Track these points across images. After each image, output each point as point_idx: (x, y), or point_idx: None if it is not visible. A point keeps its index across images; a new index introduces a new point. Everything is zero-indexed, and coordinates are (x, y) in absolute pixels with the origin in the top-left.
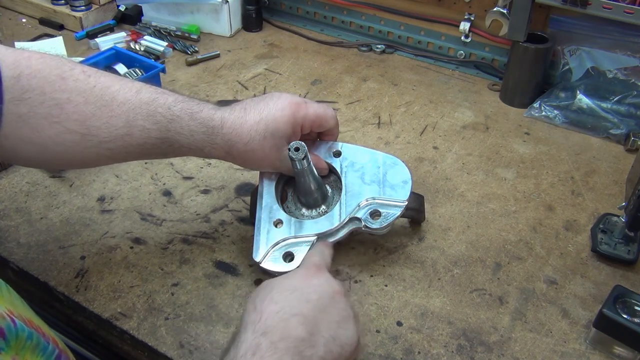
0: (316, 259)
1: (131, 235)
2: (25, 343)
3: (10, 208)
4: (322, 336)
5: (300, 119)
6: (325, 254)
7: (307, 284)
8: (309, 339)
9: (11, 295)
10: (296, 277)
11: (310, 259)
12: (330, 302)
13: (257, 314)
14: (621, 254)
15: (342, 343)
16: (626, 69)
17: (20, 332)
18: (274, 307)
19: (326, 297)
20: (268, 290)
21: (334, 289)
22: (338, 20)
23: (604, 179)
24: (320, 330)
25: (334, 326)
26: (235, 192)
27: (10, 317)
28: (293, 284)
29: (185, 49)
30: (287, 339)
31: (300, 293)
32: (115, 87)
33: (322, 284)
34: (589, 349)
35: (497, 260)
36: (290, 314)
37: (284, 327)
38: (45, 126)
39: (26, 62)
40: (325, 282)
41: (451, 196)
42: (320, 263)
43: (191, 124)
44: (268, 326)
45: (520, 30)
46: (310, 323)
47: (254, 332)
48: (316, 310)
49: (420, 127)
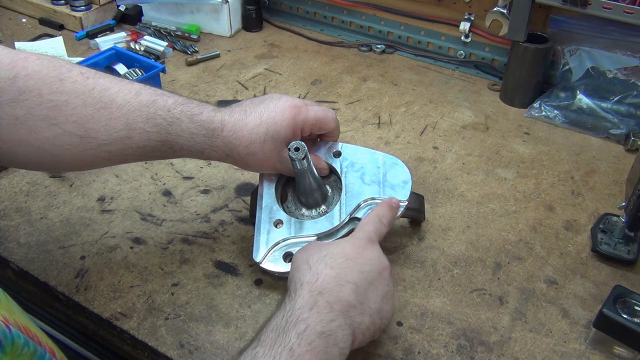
0: (370, 229)
1: (131, 235)
2: (22, 350)
3: (10, 208)
4: (369, 307)
5: (301, 122)
6: (383, 223)
7: (360, 255)
8: (360, 307)
9: (8, 302)
10: (349, 246)
11: (364, 229)
12: (378, 276)
13: (313, 275)
14: (621, 254)
15: (383, 316)
16: (626, 69)
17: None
18: (330, 272)
19: (376, 270)
20: (323, 254)
21: (383, 264)
22: (338, 20)
23: (604, 179)
24: (369, 300)
25: (379, 300)
26: (235, 192)
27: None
28: (346, 252)
29: (185, 49)
30: (341, 302)
31: (355, 263)
32: (115, 89)
33: (373, 257)
34: (589, 349)
35: (497, 260)
36: (345, 280)
37: (339, 291)
38: (43, 128)
39: (23, 63)
40: (377, 257)
41: (451, 196)
42: (373, 236)
43: (191, 126)
44: (324, 287)
45: (520, 30)
46: (361, 293)
47: (310, 291)
48: (367, 282)
49: (420, 127)
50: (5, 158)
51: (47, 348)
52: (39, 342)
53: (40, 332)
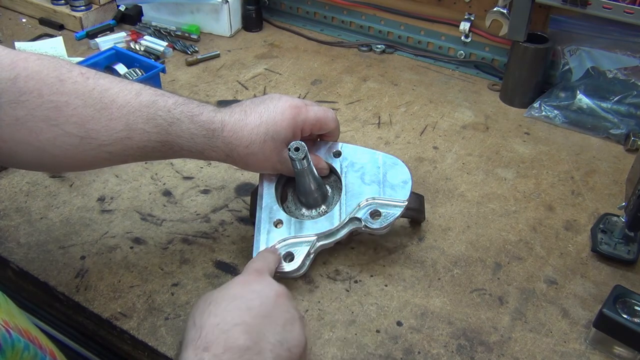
0: (257, 264)
1: (131, 235)
2: (22, 354)
3: (10, 208)
4: (268, 342)
5: (301, 122)
6: (269, 260)
7: (248, 290)
8: (254, 346)
9: (9, 305)
10: (236, 285)
11: (250, 265)
12: (273, 306)
13: (196, 330)
14: (621, 254)
15: (290, 346)
16: (626, 69)
17: (17, 344)
18: (214, 320)
19: (269, 301)
20: (207, 303)
21: (276, 291)
22: (338, 20)
23: (604, 179)
24: (265, 336)
25: (279, 330)
26: (235, 192)
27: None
28: (232, 292)
29: (185, 49)
30: (231, 350)
31: (241, 301)
32: (115, 90)
33: (263, 288)
34: (589, 349)
35: (497, 260)
36: (232, 324)
37: (226, 339)
38: (44, 129)
39: (23, 63)
40: (266, 286)
41: (451, 196)
42: (261, 268)
43: (191, 127)
44: (209, 340)
45: (520, 30)
46: (254, 330)
47: (195, 349)
48: (259, 316)
49: (420, 127)
50: (6, 158)
51: (48, 350)
52: (40, 345)
53: (40, 334)
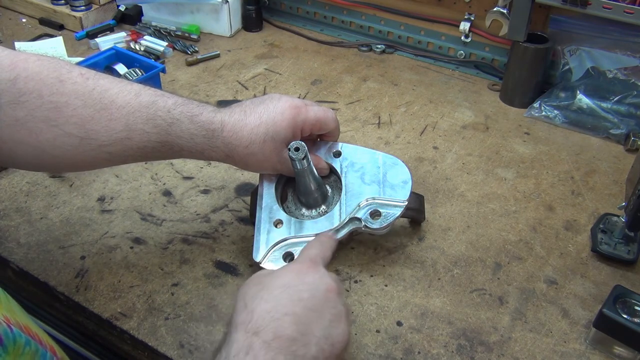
0: (313, 252)
1: (131, 235)
2: (23, 349)
3: (10, 208)
4: (314, 335)
5: (301, 122)
6: (325, 247)
7: (299, 281)
8: (301, 338)
9: (9, 302)
10: (288, 273)
11: (306, 252)
12: (322, 301)
13: (247, 314)
14: (621, 254)
15: (334, 341)
16: (626, 69)
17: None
18: (265, 306)
19: (319, 295)
20: (259, 287)
21: (327, 286)
22: (338, 20)
23: (604, 179)
24: (312, 329)
25: (326, 324)
26: (235, 192)
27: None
28: (285, 280)
29: (185, 49)
30: (279, 339)
31: (293, 291)
32: (115, 90)
33: (314, 281)
34: (589, 349)
35: (497, 260)
36: (282, 313)
37: (276, 327)
38: (43, 129)
39: (23, 64)
40: (318, 279)
41: (451, 196)
42: (316, 257)
43: (191, 127)
44: (260, 326)
45: (520, 30)
46: (302, 322)
47: (245, 332)
48: (308, 309)
49: (420, 127)
50: (6, 159)
51: (48, 347)
52: (40, 341)
53: (40, 331)
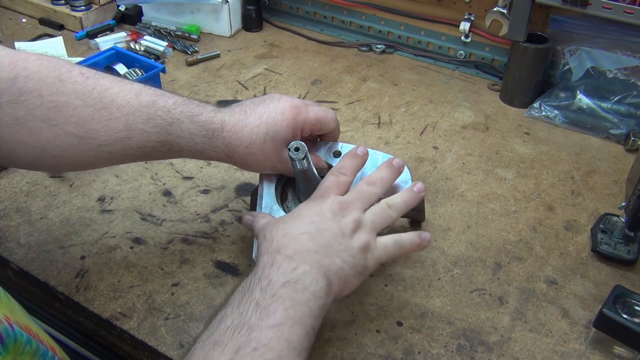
0: (324, 185)
1: (131, 235)
2: (24, 348)
3: (10, 208)
4: (333, 249)
5: (301, 122)
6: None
7: (309, 210)
8: (322, 251)
9: (10, 302)
10: (299, 209)
11: (321, 185)
12: (333, 223)
13: (267, 242)
14: (621, 254)
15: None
16: (626, 69)
17: (19, 337)
18: (282, 232)
19: (328, 218)
20: (275, 222)
21: (333, 210)
22: (338, 20)
23: (604, 179)
24: (330, 243)
25: (341, 240)
26: (235, 192)
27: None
28: (296, 213)
29: (185, 49)
30: (301, 252)
31: (303, 217)
32: (115, 90)
33: (322, 209)
34: (589, 349)
35: (497, 260)
36: (298, 232)
37: (295, 244)
38: (43, 129)
39: (23, 63)
40: (326, 206)
41: (451, 196)
42: (327, 189)
43: (191, 127)
44: (280, 246)
45: (520, 30)
46: (319, 238)
47: (268, 254)
48: (322, 229)
49: (420, 127)
50: (6, 158)
51: (49, 347)
52: (40, 340)
53: (41, 331)
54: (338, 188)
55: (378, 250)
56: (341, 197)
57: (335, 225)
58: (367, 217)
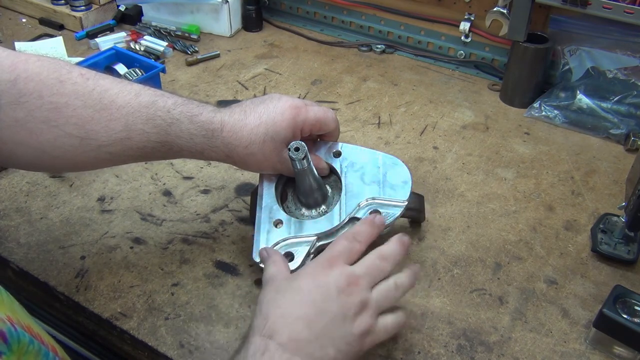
0: (337, 249)
1: (131, 235)
2: (27, 348)
3: (10, 208)
4: (329, 337)
5: (301, 122)
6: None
7: (313, 284)
8: (317, 340)
9: (12, 302)
10: (304, 277)
11: (331, 248)
12: (336, 302)
13: (262, 319)
14: (621, 254)
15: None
16: (626, 69)
17: (22, 338)
18: (278, 311)
19: (331, 297)
20: (274, 292)
21: (339, 287)
22: (338, 20)
23: (604, 179)
24: (327, 331)
25: (340, 324)
26: (235, 192)
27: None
28: (298, 284)
29: (185, 49)
30: (294, 341)
31: (305, 294)
32: (114, 90)
33: (327, 283)
34: (589, 349)
35: (497, 260)
36: (295, 316)
37: (290, 331)
38: (44, 130)
39: (23, 65)
40: (332, 281)
41: (451, 196)
42: (337, 256)
43: (191, 127)
44: (274, 330)
45: (520, 30)
46: (315, 325)
47: (261, 336)
48: (321, 311)
49: (420, 127)
50: (6, 159)
51: (50, 347)
52: (42, 341)
53: (42, 331)
54: (349, 257)
55: (377, 333)
56: (350, 269)
57: (338, 306)
58: (374, 297)
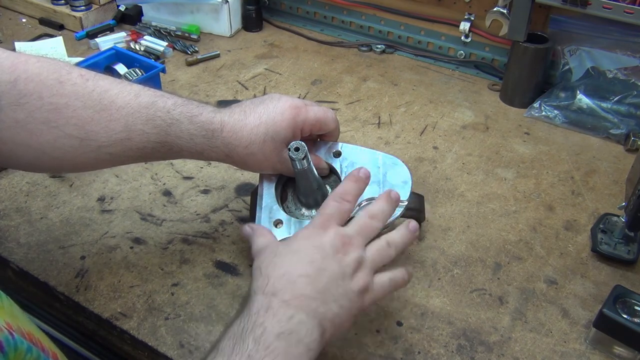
0: (327, 212)
1: (131, 235)
2: (25, 357)
3: (10, 208)
4: (331, 293)
5: (301, 122)
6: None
7: (309, 245)
8: (320, 297)
9: (12, 307)
10: (299, 240)
11: (320, 211)
12: (333, 262)
13: (264, 279)
14: (621, 254)
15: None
16: (626, 69)
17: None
18: (280, 271)
19: (329, 257)
20: (272, 255)
21: (335, 246)
22: (338, 20)
23: (604, 179)
24: (328, 288)
25: (340, 282)
26: (235, 192)
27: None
28: (295, 246)
29: (185, 49)
30: (298, 298)
31: (304, 254)
32: (114, 91)
33: (323, 244)
34: (589, 349)
35: (497, 260)
36: (296, 274)
37: (293, 288)
38: (44, 131)
39: (23, 66)
40: (328, 240)
41: (451, 196)
42: (328, 218)
43: (190, 127)
44: (277, 288)
45: (520, 30)
46: (317, 282)
47: (264, 294)
48: (320, 270)
49: (420, 127)
50: (6, 160)
51: (50, 353)
52: (42, 347)
53: (43, 336)
54: (340, 217)
55: (376, 290)
56: (343, 230)
57: (335, 265)
58: (369, 255)
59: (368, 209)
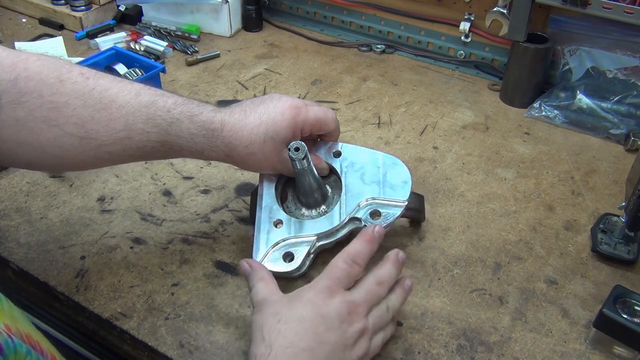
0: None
1: (131, 235)
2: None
3: (10, 208)
4: None
5: (301, 122)
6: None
7: (315, 314)
8: None
9: (11, 309)
10: (306, 305)
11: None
12: (338, 332)
13: (266, 347)
14: (621, 254)
15: None
16: (626, 69)
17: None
18: (283, 342)
19: (334, 327)
20: (276, 319)
21: (341, 315)
22: (338, 20)
23: (604, 179)
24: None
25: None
26: (235, 192)
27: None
28: (301, 313)
29: (185, 49)
30: None
31: (309, 325)
32: (114, 90)
33: (330, 312)
34: (589, 349)
35: (497, 260)
36: (300, 348)
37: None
38: (44, 129)
39: (23, 64)
40: (334, 309)
41: (451, 196)
42: (336, 283)
43: (191, 127)
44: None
45: (520, 30)
46: (319, 355)
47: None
48: (324, 343)
49: (420, 127)
50: (6, 159)
51: (49, 356)
52: (41, 350)
53: (42, 339)
54: (348, 281)
55: (371, 352)
56: (350, 296)
57: (339, 337)
58: (371, 322)
59: (376, 275)
